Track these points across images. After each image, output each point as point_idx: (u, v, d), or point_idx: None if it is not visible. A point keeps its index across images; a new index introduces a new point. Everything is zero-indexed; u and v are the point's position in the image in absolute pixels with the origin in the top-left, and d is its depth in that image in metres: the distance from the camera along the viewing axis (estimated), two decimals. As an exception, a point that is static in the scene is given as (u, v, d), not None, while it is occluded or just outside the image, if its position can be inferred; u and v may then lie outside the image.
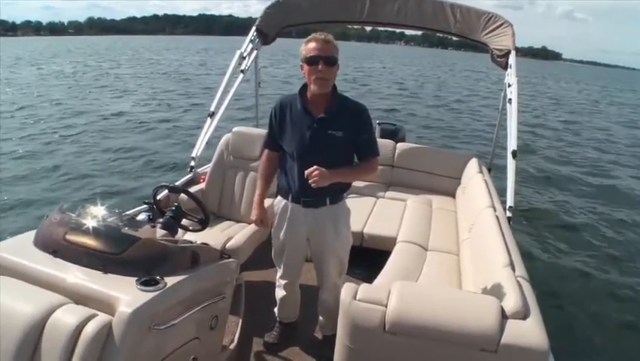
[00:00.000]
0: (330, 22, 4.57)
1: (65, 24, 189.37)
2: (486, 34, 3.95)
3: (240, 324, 2.44)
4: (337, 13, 4.35)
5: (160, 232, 1.93)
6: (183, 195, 2.42)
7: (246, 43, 4.16)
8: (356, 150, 2.14)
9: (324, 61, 1.96)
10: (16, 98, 15.14)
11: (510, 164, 3.22)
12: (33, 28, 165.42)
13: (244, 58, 4.10)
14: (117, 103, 14.96)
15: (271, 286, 2.59)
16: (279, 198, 2.28)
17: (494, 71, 4.37)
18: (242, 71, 4.06)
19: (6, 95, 15.46)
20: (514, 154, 3.22)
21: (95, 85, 19.15)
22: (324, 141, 2.05)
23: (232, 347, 2.27)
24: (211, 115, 3.77)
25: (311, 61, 1.97)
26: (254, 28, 4.25)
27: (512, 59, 3.76)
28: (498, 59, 3.89)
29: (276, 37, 4.45)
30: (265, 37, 4.31)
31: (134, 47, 58.52)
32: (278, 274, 2.46)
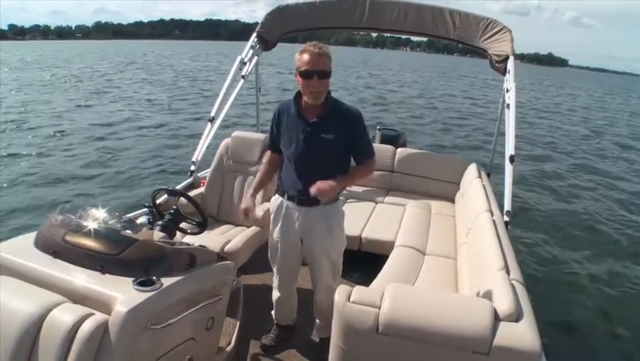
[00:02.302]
0: (330, 28, 4.62)
1: (73, 28, 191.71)
2: (485, 39, 3.97)
3: (238, 326, 2.45)
4: (337, 19, 4.37)
5: (158, 235, 1.96)
6: (183, 199, 2.45)
7: (247, 48, 4.20)
8: (352, 153, 2.19)
9: (318, 75, 2.01)
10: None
11: (508, 168, 3.22)
12: (41, 33, 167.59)
13: (244, 63, 4.14)
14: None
15: (269, 289, 2.61)
16: (276, 196, 2.34)
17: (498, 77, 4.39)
18: (242, 77, 4.09)
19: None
20: (512, 159, 3.23)
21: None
22: (317, 144, 2.11)
23: (229, 349, 2.28)
24: (212, 120, 3.81)
25: (305, 75, 2.02)
26: (254, 34, 4.28)
27: (510, 64, 3.77)
28: (497, 65, 3.90)
29: (277, 43, 4.48)
30: (266, 43, 4.34)
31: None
32: (274, 274, 2.49)
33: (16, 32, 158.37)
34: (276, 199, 2.33)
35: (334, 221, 2.26)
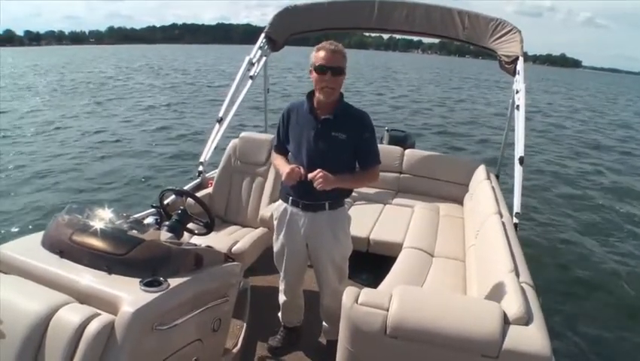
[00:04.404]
0: (338, 29, 4.61)
1: (87, 33, 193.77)
2: (494, 40, 3.94)
3: (245, 328, 2.44)
4: (346, 20, 4.38)
5: (165, 235, 1.96)
6: (190, 200, 2.45)
7: (255, 49, 4.21)
8: (358, 157, 2.16)
9: (332, 71, 2.01)
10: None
11: (517, 170, 3.19)
12: (56, 38, 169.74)
13: (253, 64, 4.15)
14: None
15: (276, 290, 2.60)
16: (279, 202, 2.31)
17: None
18: (250, 78, 4.10)
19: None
20: (521, 160, 3.20)
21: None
22: (328, 142, 2.08)
23: (235, 350, 2.27)
24: (220, 121, 3.83)
25: (319, 70, 2.02)
26: (263, 35, 4.30)
27: (520, 65, 3.74)
28: (507, 66, 3.87)
29: (285, 44, 4.49)
30: (274, 44, 4.35)
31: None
32: (280, 278, 2.48)
33: (32, 38, 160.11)
34: (280, 205, 2.30)
35: (340, 227, 2.23)
